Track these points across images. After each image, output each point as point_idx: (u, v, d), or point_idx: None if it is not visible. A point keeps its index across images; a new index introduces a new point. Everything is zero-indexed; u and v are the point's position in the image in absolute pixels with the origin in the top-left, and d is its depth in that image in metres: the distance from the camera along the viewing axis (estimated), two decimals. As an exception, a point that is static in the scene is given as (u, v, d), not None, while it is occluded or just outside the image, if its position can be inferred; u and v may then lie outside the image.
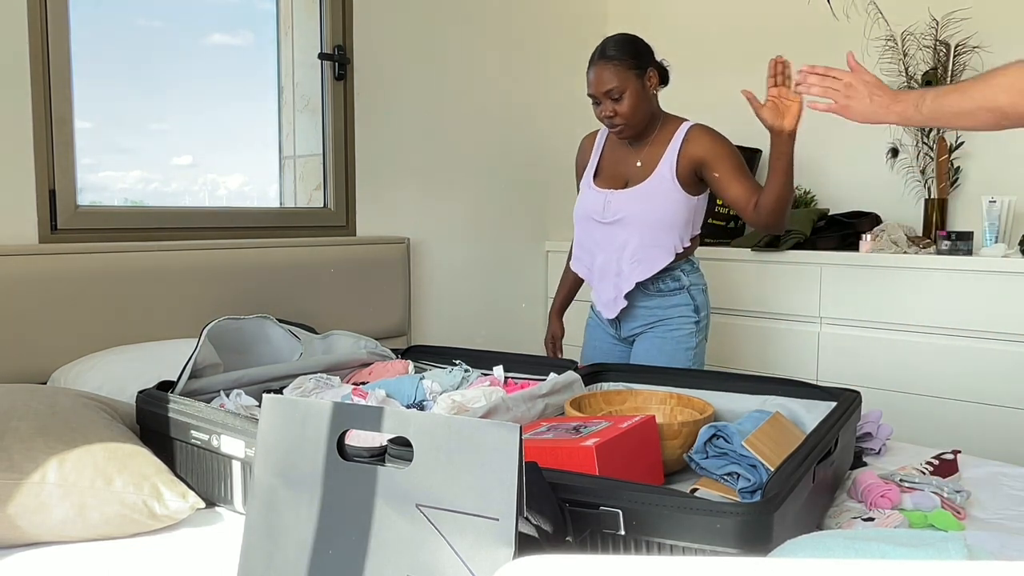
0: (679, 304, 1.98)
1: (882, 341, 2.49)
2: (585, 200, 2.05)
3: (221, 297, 2.10)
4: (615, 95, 1.90)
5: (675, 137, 1.95)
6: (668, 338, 1.97)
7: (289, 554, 0.90)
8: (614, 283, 1.99)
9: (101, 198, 2.17)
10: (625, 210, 1.95)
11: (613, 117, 1.92)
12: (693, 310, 1.99)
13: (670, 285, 1.98)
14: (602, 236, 2.01)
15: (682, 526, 0.93)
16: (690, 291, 1.99)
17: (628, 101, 1.91)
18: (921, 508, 1.24)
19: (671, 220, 1.92)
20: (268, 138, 2.66)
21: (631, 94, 1.91)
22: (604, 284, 2.03)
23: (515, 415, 1.44)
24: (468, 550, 0.81)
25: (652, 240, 1.93)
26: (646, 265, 1.94)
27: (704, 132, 1.96)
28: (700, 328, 2.01)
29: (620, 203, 1.96)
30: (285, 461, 0.93)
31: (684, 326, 1.98)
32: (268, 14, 2.58)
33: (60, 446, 1.23)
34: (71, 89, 1.92)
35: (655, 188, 1.93)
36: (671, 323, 1.98)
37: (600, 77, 1.90)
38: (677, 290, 1.98)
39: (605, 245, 2.01)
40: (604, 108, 1.92)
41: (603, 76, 1.90)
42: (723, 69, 3.24)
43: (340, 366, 1.85)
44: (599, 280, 2.05)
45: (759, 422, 1.32)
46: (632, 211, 1.94)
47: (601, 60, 1.92)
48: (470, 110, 2.93)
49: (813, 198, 3.02)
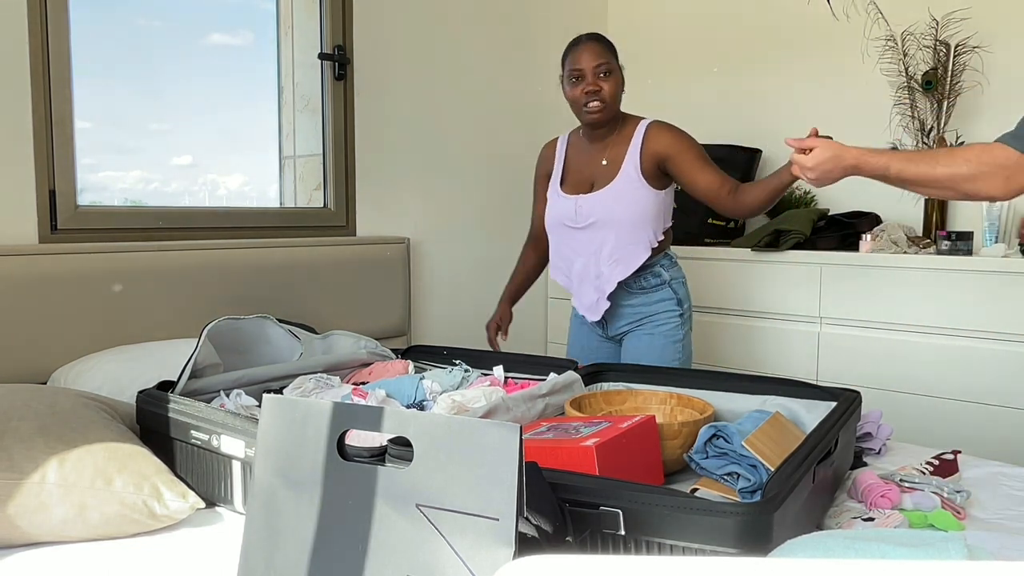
0: (663, 299, 2.01)
1: (882, 341, 2.49)
2: (556, 207, 2.06)
3: (221, 297, 2.10)
4: (603, 71, 1.92)
5: (635, 135, 1.97)
6: (656, 334, 2.00)
7: (289, 554, 0.90)
8: (595, 285, 2.01)
9: (101, 198, 2.17)
10: (597, 212, 1.97)
11: (599, 92, 1.92)
12: (676, 303, 2.02)
13: (651, 282, 2.00)
14: (578, 241, 2.02)
15: (682, 526, 0.93)
16: (671, 285, 2.02)
17: (613, 80, 1.93)
18: (921, 508, 1.24)
19: (643, 216, 1.95)
20: (268, 138, 2.66)
21: (616, 77, 1.94)
22: (584, 288, 2.04)
23: (515, 415, 1.44)
24: (468, 550, 0.81)
25: (628, 238, 1.95)
26: (625, 263, 1.96)
27: (663, 128, 1.97)
28: (685, 320, 2.04)
29: (591, 206, 1.98)
30: (285, 461, 0.93)
31: (670, 320, 2.01)
32: (268, 14, 2.58)
33: (60, 446, 1.23)
34: (71, 89, 1.92)
35: (623, 187, 1.95)
36: (657, 319, 2.01)
37: (593, 51, 1.92)
38: (659, 286, 2.01)
39: (582, 249, 2.02)
40: (589, 83, 1.92)
41: (596, 50, 1.92)
42: (724, 69, 3.25)
43: (340, 366, 1.85)
44: (579, 284, 2.06)
45: (759, 422, 1.32)
46: (604, 212, 1.96)
47: (591, 40, 1.94)
48: (470, 110, 2.93)
49: (813, 198, 3.02)
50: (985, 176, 1.38)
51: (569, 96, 1.97)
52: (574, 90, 1.94)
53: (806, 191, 3.05)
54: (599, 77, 1.92)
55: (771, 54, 3.13)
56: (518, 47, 3.11)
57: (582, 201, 1.99)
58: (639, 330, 2.02)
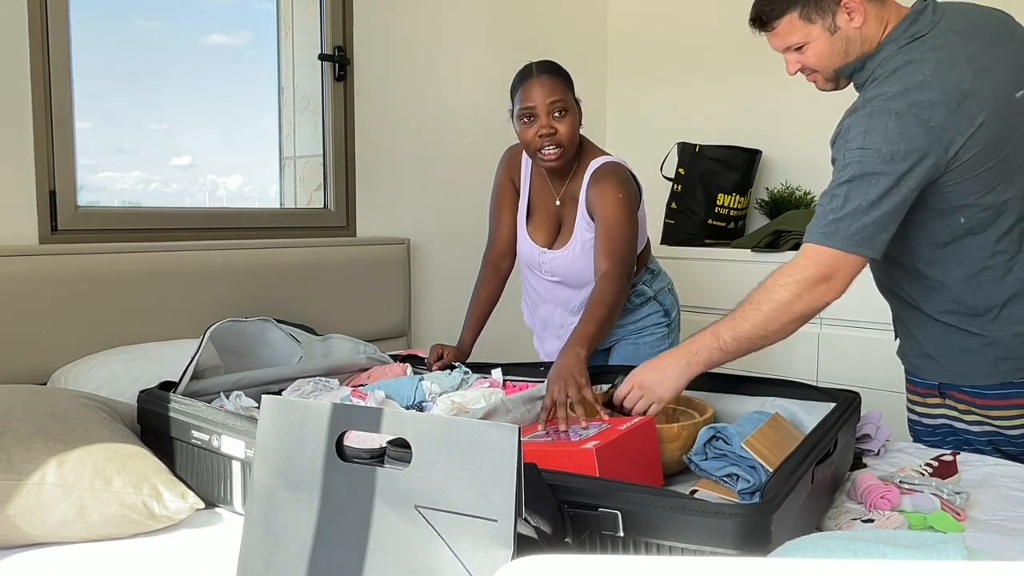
0: (649, 313, 1.94)
1: (882, 342, 2.48)
2: (523, 247, 1.93)
3: (221, 298, 2.10)
4: (558, 109, 1.71)
5: (585, 176, 1.80)
6: (640, 343, 1.93)
7: (288, 555, 0.90)
8: (558, 335, 1.94)
9: (100, 198, 2.17)
10: (562, 273, 1.87)
11: (553, 135, 1.71)
12: (663, 315, 1.95)
13: (635, 301, 1.92)
14: (544, 288, 1.94)
15: (680, 527, 0.93)
16: (657, 299, 1.95)
17: (570, 120, 1.73)
18: (921, 510, 1.24)
19: None
20: (268, 139, 2.66)
21: (573, 114, 1.74)
22: (548, 335, 1.98)
23: (514, 416, 1.44)
24: (466, 551, 0.81)
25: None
26: None
27: (601, 181, 1.76)
28: (672, 329, 1.98)
29: (555, 266, 1.87)
30: (284, 462, 0.93)
31: (656, 331, 1.95)
32: (268, 15, 2.58)
33: (60, 447, 1.23)
34: (71, 89, 1.92)
35: (581, 249, 1.82)
36: (644, 332, 1.94)
37: (545, 86, 1.71)
38: (644, 303, 1.94)
39: (549, 296, 1.94)
40: (541, 126, 1.71)
41: (549, 86, 1.71)
42: (724, 69, 3.24)
43: (339, 370, 1.85)
44: (542, 330, 2.00)
45: (759, 423, 1.32)
46: (569, 273, 1.86)
47: (543, 73, 1.73)
48: (470, 111, 2.92)
49: (813, 198, 3.02)
50: (809, 289, 1.33)
51: (522, 138, 1.77)
52: (526, 131, 1.74)
53: (807, 192, 3.05)
54: (553, 117, 1.71)
55: (771, 54, 3.12)
56: (518, 48, 3.10)
57: (544, 257, 1.87)
58: (626, 340, 1.95)
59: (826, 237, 1.33)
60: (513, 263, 2.02)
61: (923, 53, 1.35)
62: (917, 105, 1.30)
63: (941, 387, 1.54)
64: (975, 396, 1.49)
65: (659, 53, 3.44)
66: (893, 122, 1.30)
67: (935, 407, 1.58)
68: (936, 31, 1.37)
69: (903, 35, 1.39)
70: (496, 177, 1.98)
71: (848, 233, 1.32)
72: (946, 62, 1.33)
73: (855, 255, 1.33)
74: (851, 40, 1.41)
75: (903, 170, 1.30)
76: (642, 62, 3.49)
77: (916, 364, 1.59)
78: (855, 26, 1.40)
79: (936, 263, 1.45)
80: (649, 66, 3.44)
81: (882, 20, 1.41)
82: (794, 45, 1.45)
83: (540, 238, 1.91)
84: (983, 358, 1.46)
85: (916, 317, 1.54)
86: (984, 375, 1.47)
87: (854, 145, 1.33)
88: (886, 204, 1.31)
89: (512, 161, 1.96)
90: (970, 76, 1.32)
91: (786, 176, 3.14)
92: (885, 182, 1.30)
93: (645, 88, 3.47)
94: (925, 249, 1.45)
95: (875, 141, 1.31)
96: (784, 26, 1.43)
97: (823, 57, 1.44)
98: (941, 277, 1.45)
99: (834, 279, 1.34)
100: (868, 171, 1.31)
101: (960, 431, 1.55)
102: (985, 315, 1.44)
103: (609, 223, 1.73)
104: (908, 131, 1.30)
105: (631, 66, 3.53)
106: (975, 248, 1.41)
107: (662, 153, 3.15)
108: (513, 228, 1.96)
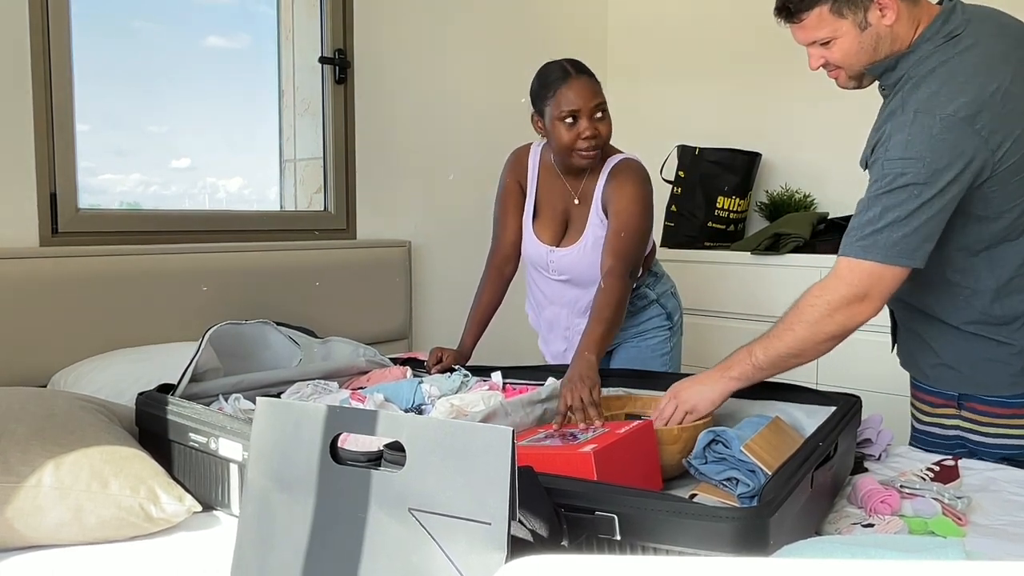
0: (651, 316, 1.94)
1: (883, 345, 2.47)
2: (529, 248, 1.91)
3: (221, 300, 2.09)
4: (601, 111, 1.71)
5: (602, 174, 1.80)
6: (643, 347, 1.93)
7: (282, 558, 0.90)
8: (565, 336, 1.93)
9: (100, 201, 2.17)
10: (571, 271, 1.85)
11: (596, 138, 1.72)
12: (666, 318, 1.95)
13: (638, 304, 1.92)
14: (551, 289, 1.92)
15: (677, 531, 0.92)
16: (660, 302, 1.94)
17: (608, 120, 1.74)
18: (922, 514, 1.23)
19: None
20: (268, 141, 2.66)
21: (608, 115, 1.75)
22: (554, 336, 1.98)
23: (513, 420, 1.44)
24: (460, 554, 0.80)
25: None
26: None
27: (619, 176, 1.77)
28: (675, 332, 1.98)
29: (564, 264, 1.85)
30: (279, 464, 0.93)
31: (659, 334, 1.94)
32: (268, 17, 2.58)
33: (57, 449, 1.23)
34: (72, 92, 1.92)
35: (592, 245, 1.80)
36: (646, 334, 1.94)
37: (587, 88, 1.70)
38: (647, 306, 1.93)
39: (555, 298, 1.93)
40: (584, 127, 1.70)
41: (590, 87, 1.71)
42: (724, 71, 3.24)
43: (338, 373, 1.84)
44: (548, 331, 1.99)
45: (758, 427, 1.31)
46: (577, 272, 1.84)
47: (582, 75, 1.72)
48: (471, 113, 2.92)
49: (813, 201, 3.01)
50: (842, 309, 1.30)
51: (561, 139, 1.72)
52: (568, 132, 1.71)
53: (806, 195, 3.04)
54: (595, 119, 1.71)
55: (772, 57, 3.13)
56: (519, 49, 3.10)
57: (553, 255, 1.86)
58: (628, 343, 1.95)
59: (863, 250, 1.29)
60: (516, 267, 2.00)
61: (960, 53, 1.31)
62: (963, 107, 1.25)
63: (960, 398, 1.50)
64: (997, 406, 1.45)
65: (659, 55, 3.43)
66: (938, 127, 1.25)
67: (949, 418, 1.54)
68: (969, 30, 1.33)
69: (938, 34, 1.33)
70: (501, 181, 1.96)
71: (888, 243, 1.27)
72: (984, 62, 1.29)
73: (895, 266, 1.29)
74: (881, 38, 1.35)
75: (950, 177, 1.25)
76: (642, 64, 3.49)
77: (931, 375, 1.54)
78: (887, 23, 1.34)
79: (969, 271, 1.40)
80: (649, 68, 3.44)
81: (914, 19, 1.35)
82: (821, 39, 1.38)
83: (547, 237, 1.90)
84: (1008, 368, 1.42)
85: (934, 328, 1.49)
86: (1009, 385, 1.43)
87: (895, 155, 1.28)
88: (928, 211, 1.26)
89: (518, 163, 1.94)
90: (1009, 76, 1.28)
91: (786, 179, 3.13)
92: (928, 191, 1.26)
93: (645, 91, 3.47)
94: (959, 257, 1.40)
95: (920, 150, 1.26)
96: (813, 19, 1.36)
97: (850, 54, 1.38)
98: (973, 285, 1.41)
99: (869, 297, 1.30)
100: (912, 181, 1.26)
101: (975, 444, 1.50)
102: (1012, 323, 1.40)
103: (623, 216, 1.73)
104: (954, 135, 1.25)
105: (631, 68, 3.53)
106: (1009, 254, 1.38)
107: (662, 156, 3.15)
108: (519, 232, 1.94)
